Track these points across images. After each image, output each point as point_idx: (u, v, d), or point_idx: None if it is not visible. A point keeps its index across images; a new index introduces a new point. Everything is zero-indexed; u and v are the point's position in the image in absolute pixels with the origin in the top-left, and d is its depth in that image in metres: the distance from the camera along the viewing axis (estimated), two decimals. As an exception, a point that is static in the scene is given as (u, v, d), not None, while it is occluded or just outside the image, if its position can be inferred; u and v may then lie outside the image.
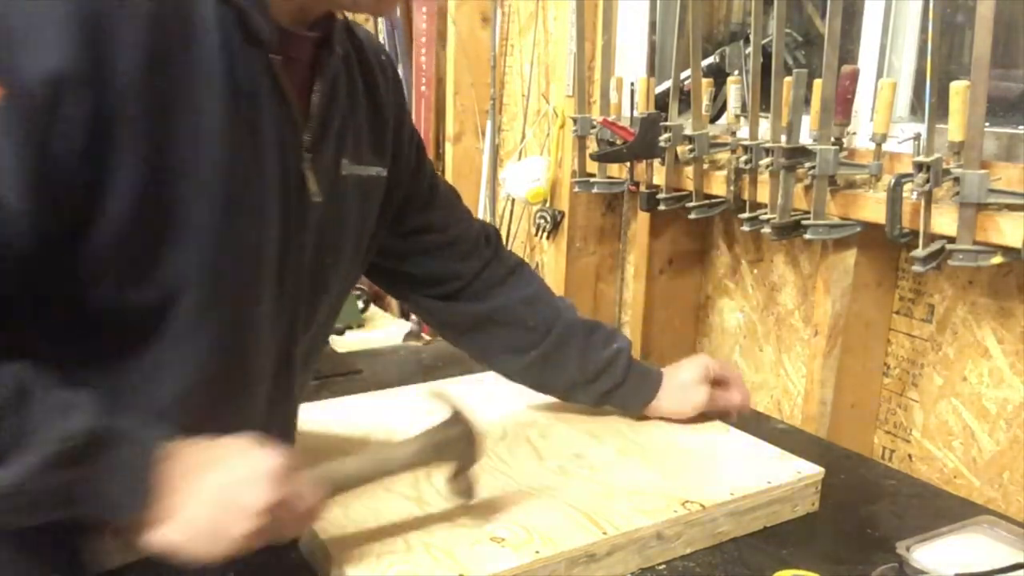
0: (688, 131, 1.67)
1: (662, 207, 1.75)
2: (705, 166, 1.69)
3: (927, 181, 1.24)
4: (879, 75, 1.52)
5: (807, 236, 1.45)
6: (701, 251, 1.93)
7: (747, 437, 1.16)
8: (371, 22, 2.74)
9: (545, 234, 2.11)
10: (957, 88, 1.23)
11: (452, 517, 0.93)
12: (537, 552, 0.86)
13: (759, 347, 1.80)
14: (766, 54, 1.53)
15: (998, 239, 1.21)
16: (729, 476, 1.02)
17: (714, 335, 1.92)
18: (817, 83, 1.42)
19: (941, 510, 1.07)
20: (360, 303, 2.14)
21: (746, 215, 1.57)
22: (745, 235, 1.80)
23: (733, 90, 1.65)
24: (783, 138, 1.47)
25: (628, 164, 1.85)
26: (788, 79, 1.47)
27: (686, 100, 1.72)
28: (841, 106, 1.41)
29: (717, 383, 1.19)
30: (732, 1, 1.98)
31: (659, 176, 1.78)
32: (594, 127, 1.89)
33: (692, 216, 1.69)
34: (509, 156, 2.41)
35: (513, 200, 2.30)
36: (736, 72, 1.74)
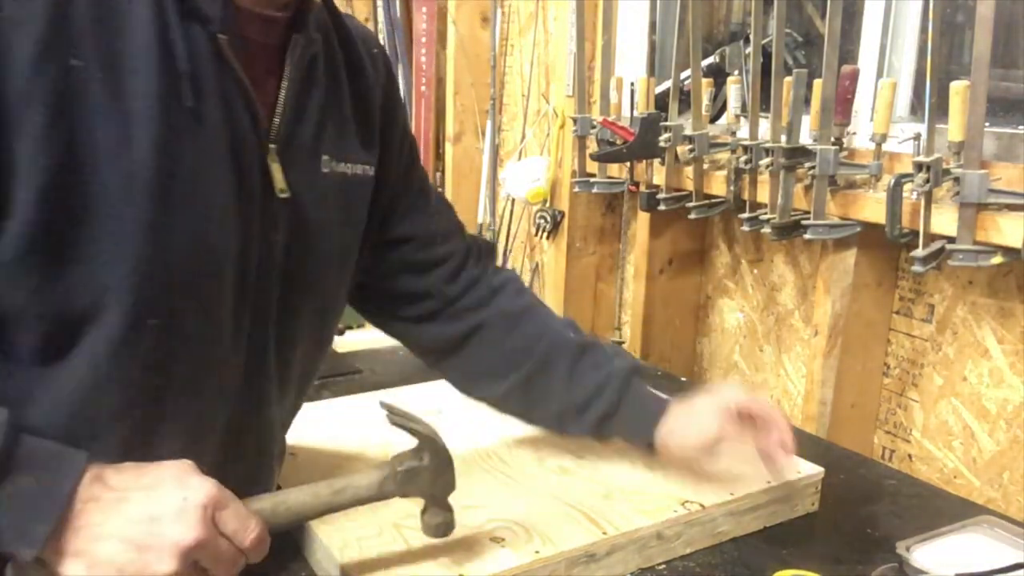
0: (688, 131, 1.67)
1: (662, 207, 1.75)
2: (705, 166, 1.69)
3: (927, 181, 1.24)
4: (879, 75, 1.52)
5: (807, 236, 1.44)
6: (701, 251, 1.93)
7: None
8: (371, 21, 2.74)
9: (545, 234, 2.11)
10: (957, 88, 1.23)
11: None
12: (537, 552, 0.86)
13: (759, 347, 1.80)
14: (766, 54, 1.53)
15: (998, 239, 1.21)
16: (729, 476, 1.02)
17: (714, 335, 1.92)
18: (817, 83, 1.42)
19: (941, 510, 1.07)
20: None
21: (746, 215, 1.57)
22: (745, 235, 1.80)
23: (733, 90, 1.65)
24: (783, 138, 1.47)
25: (628, 164, 1.85)
26: (788, 79, 1.47)
27: (686, 100, 1.72)
28: (841, 106, 1.41)
29: (745, 418, 0.98)
30: (732, 1, 1.98)
31: (659, 176, 1.78)
32: (594, 127, 1.88)
33: (692, 216, 1.69)
34: (509, 156, 2.41)
35: (513, 200, 2.29)
36: (736, 72, 1.74)
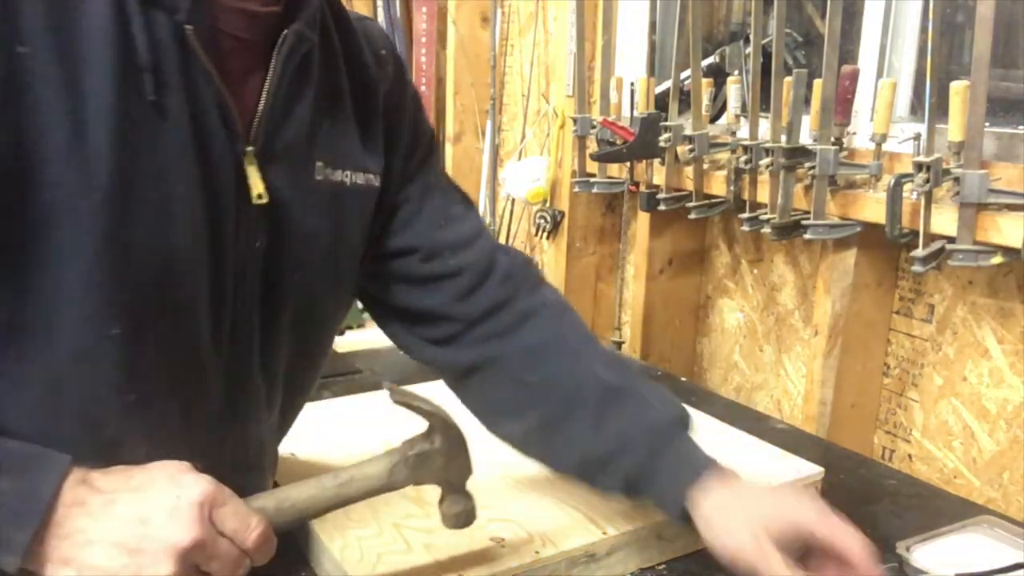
0: (688, 131, 1.67)
1: (662, 207, 1.75)
2: (705, 166, 1.69)
3: (927, 181, 1.24)
4: (879, 75, 1.52)
5: (807, 236, 1.44)
6: (701, 251, 1.93)
7: (747, 437, 1.16)
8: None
9: (545, 234, 2.11)
10: (957, 88, 1.23)
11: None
12: (537, 552, 0.86)
13: (759, 347, 1.80)
14: (766, 54, 1.53)
15: (998, 239, 1.21)
16: None
17: (714, 335, 1.92)
18: (817, 83, 1.42)
19: (941, 510, 1.07)
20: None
21: (746, 215, 1.57)
22: (745, 235, 1.80)
23: (733, 90, 1.65)
24: (783, 138, 1.47)
25: (628, 164, 1.85)
26: (788, 79, 1.47)
27: (686, 100, 1.72)
28: (841, 106, 1.41)
29: (814, 545, 0.77)
30: (732, 1, 1.98)
31: (659, 176, 1.78)
32: (594, 127, 1.88)
33: (692, 216, 1.69)
34: (509, 156, 2.41)
35: (513, 200, 2.29)
36: (736, 72, 1.74)
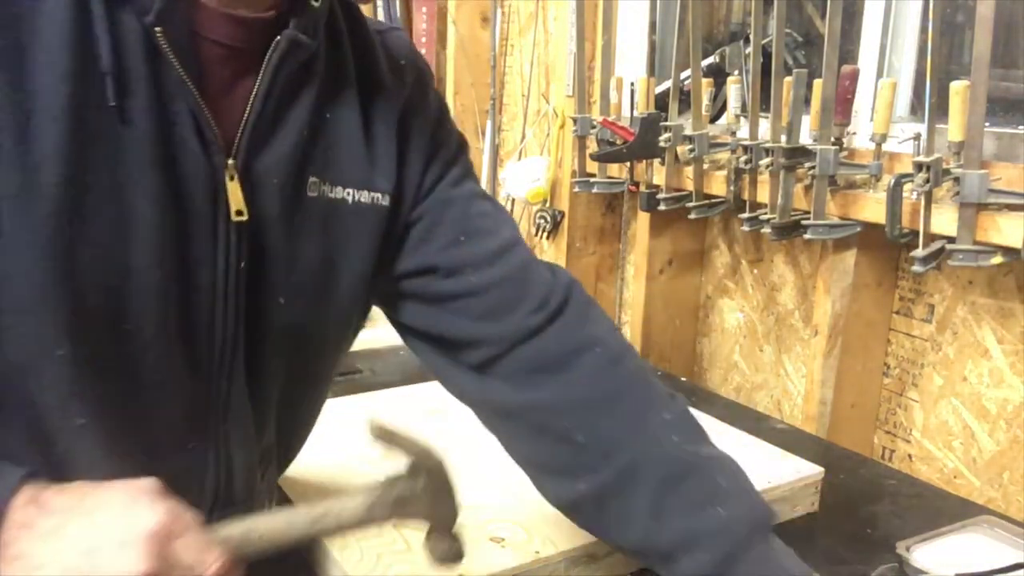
0: (688, 131, 1.67)
1: (662, 207, 1.75)
2: (705, 166, 1.69)
3: (927, 181, 1.24)
4: (879, 75, 1.52)
5: (807, 236, 1.44)
6: (701, 251, 1.93)
7: (747, 437, 1.16)
8: (371, 22, 2.74)
9: (545, 234, 2.11)
10: (957, 88, 1.23)
11: (452, 517, 0.93)
12: (537, 552, 0.86)
13: (759, 347, 1.80)
14: (766, 54, 1.53)
15: (998, 239, 1.21)
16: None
17: (714, 335, 1.92)
18: (817, 83, 1.42)
19: (941, 510, 1.07)
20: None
21: (746, 215, 1.57)
22: (745, 235, 1.80)
23: (733, 90, 1.65)
24: (783, 138, 1.47)
25: (628, 164, 1.85)
26: (788, 79, 1.47)
27: (686, 100, 1.72)
28: (841, 106, 1.41)
29: None
30: (732, 1, 1.98)
31: (659, 176, 1.78)
32: (594, 127, 1.88)
33: (692, 216, 1.69)
34: (509, 156, 2.41)
35: (513, 200, 2.29)
36: (736, 72, 1.74)
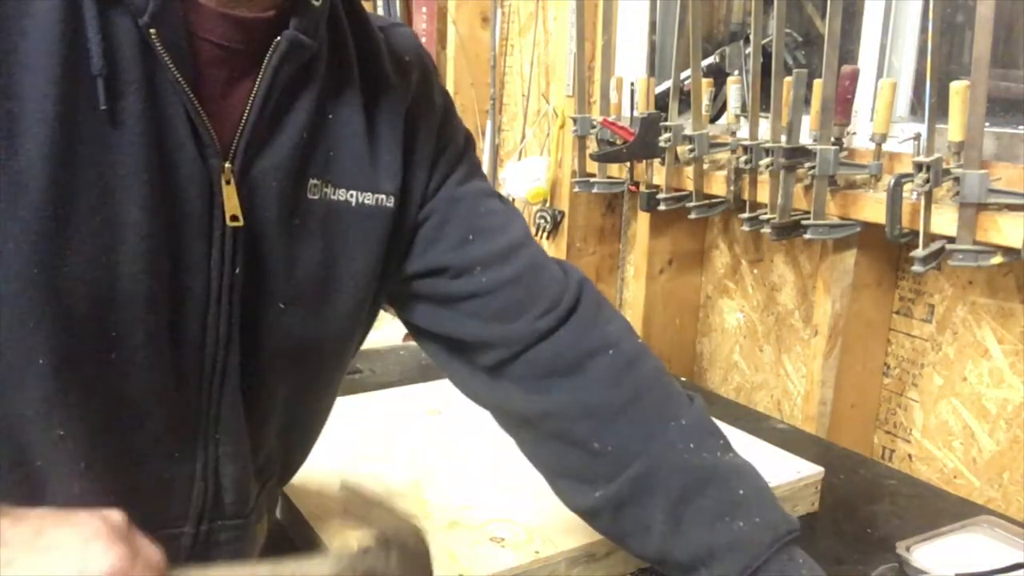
0: (688, 131, 1.67)
1: (662, 207, 1.75)
2: (705, 166, 1.69)
3: (927, 181, 1.24)
4: (879, 75, 1.52)
5: (807, 236, 1.44)
6: (701, 251, 1.93)
7: (747, 437, 1.16)
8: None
9: (545, 234, 2.11)
10: (957, 88, 1.23)
11: (452, 517, 0.93)
12: (537, 552, 0.86)
13: (759, 347, 1.80)
14: (766, 54, 1.53)
15: (998, 239, 1.21)
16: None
17: (714, 335, 1.92)
18: (817, 83, 1.42)
19: (941, 510, 1.07)
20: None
21: (746, 215, 1.57)
22: (745, 235, 1.80)
23: (733, 90, 1.65)
24: (783, 138, 1.47)
25: (628, 164, 1.85)
26: (788, 79, 1.47)
27: (686, 100, 1.72)
28: (841, 106, 1.41)
29: None
30: (732, 1, 1.98)
31: (659, 176, 1.78)
32: (594, 127, 1.88)
33: (692, 216, 1.69)
34: (509, 156, 2.41)
35: (513, 200, 2.29)
36: (736, 72, 1.74)
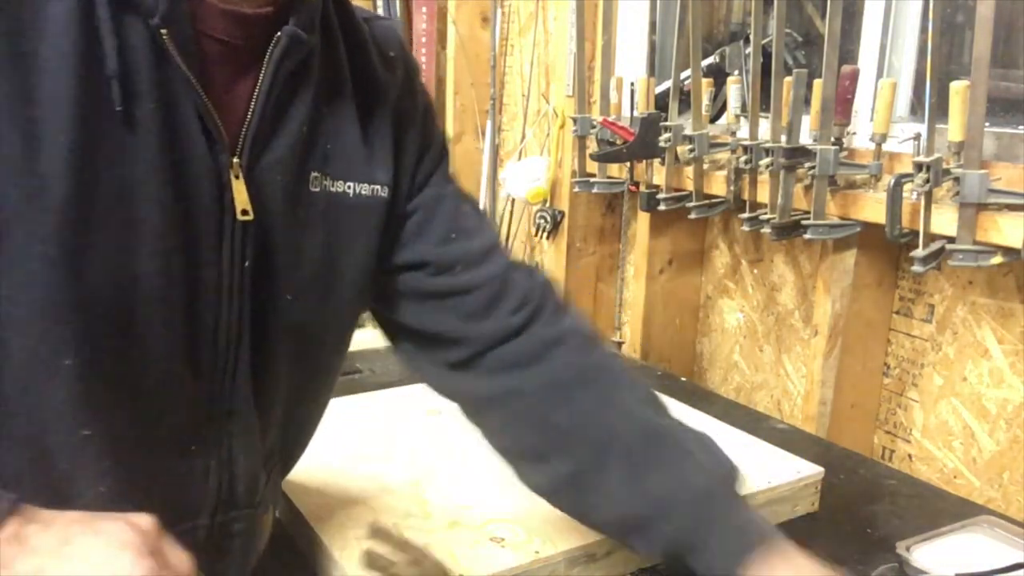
0: (688, 131, 1.67)
1: (662, 207, 1.75)
2: (705, 166, 1.69)
3: (927, 181, 1.24)
4: (879, 75, 1.52)
5: (807, 236, 1.44)
6: (701, 251, 1.93)
7: (747, 437, 1.16)
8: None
9: (545, 234, 2.11)
10: (957, 88, 1.23)
11: (452, 517, 0.93)
12: (537, 552, 0.86)
13: (759, 347, 1.80)
14: (766, 54, 1.53)
15: (998, 239, 1.21)
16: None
17: (714, 335, 1.92)
18: (817, 83, 1.42)
19: (941, 510, 1.07)
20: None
21: (746, 215, 1.57)
22: (745, 235, 1.80)
23: (733, 90, 1.65)
24: (783, 138, 1.47)
25: (628, 164, 1.85)
26: (788, 79, 1.47)
27: (686, 100, 1.72)
28: (841, 106, 1.41)
29: None
30: (732, 1, 1.98)
31: (659, 176, 1.78)
32: (594, 127, 1.88)
33: (692, 216, 1.69)
34: (509, 156, 2.41)
35: (513, 200, 2.29)
36: (736, 72, 1.74)
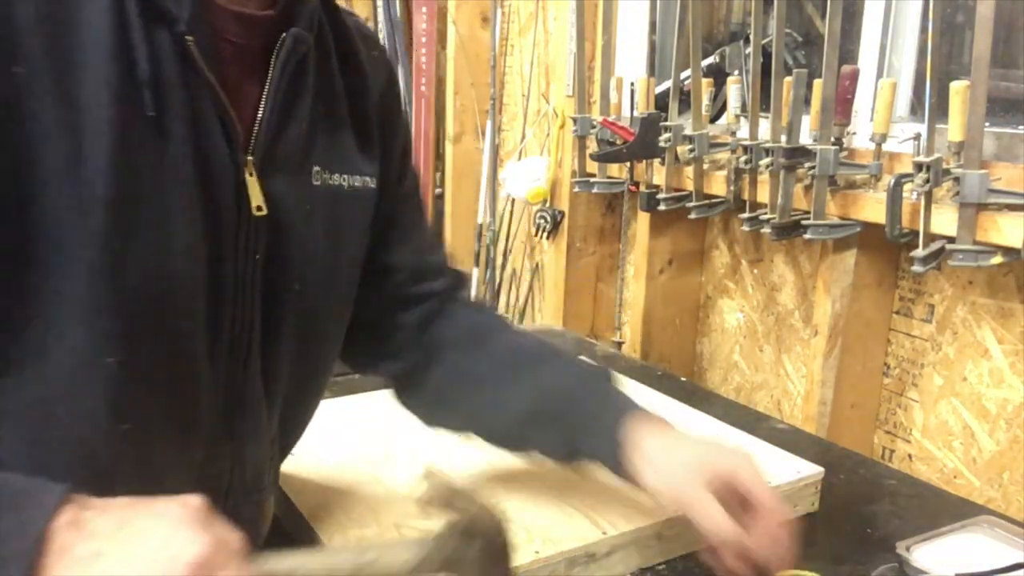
0: (688, 131, 1.67)
1: (662, 207, 1.75)
2: (705, 166, 1.69)
3: (927, 181, 1.24)
4: (879, 75, 1.52)
5: (807, 236, 1.44)
6: (701, 251, 1.93)
7: (747, 437, 1.16)
8: (371, 21, 2.74)
9: (545, 234, 2.11)
10: (957, 88, 1.23)
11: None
12: (537, 552, 0.86)
13: (759, 347, 1.80)
14: (766, 54, 1.53)
15: (998, 239, 1.21)
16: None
17: (714, 335, 1.92)
18: (817, 83, 1.42)
19: (941, 510, 1.07)
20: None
21: (746, 215, 1.57)
22: (745, 235, 1.80)
23: (733, 90, 1.65)
24: (783, 138, 1.47)
25: (628, 164, 1.85)
26: (788, 79, 1.47)
27: (686, 100, 1.72)
28: (841, 106, 1.41)
29: (737, 500, 0.78)
30: (732, 1, 1.98)
31: (659, 176, 1.78)
32: (594, 127, 1.89)
33: (692, 216, 1.69)
34: (509, 156, 2.41)
35: (513, 200, 2.29)
36: (736, 72, 1.74)
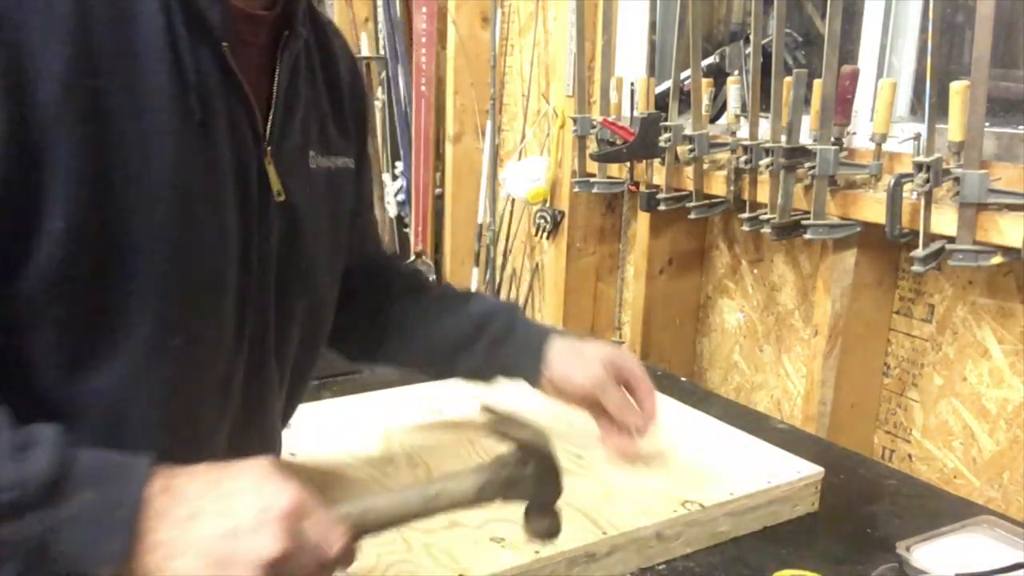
0: (688, 131, 1.67)
1: (662, 207, 1.75)
2: (705, 166, 1.69)
3: (927, 181, 1.24)
4: (879, 75, 1.52)
5: (807, 236, 1.44)
6: (701, 251, 1.93)
7: (747, 437, 1.16)
8: (371, 21, 2.74)
9: (545, 234, 2.11)
10: (957, 88, 1.23)
11: (452, 517, 0.93)
12: (537, 552, 0.86)
13: (759, 347, 1.80)
14: (766, 54, 1.53)
15: (998, 239, 1.21)
16: (729, 476, 1.02)
17: (714, 335, 1.92)
18: (817, 83, 1.42)
19: (941, 510, 1.07)
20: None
21: (746, 215, 1.57)
22: (745, 235, 1.80)
23: (733, 90, 1.65)
24: (783, 138, 1.47)
25: (628, 164, 1.85)
26: (788, 79, 1.47)
27: (686, 100, 1.72)
28: (841, 106, 1.41)
29: (623, 384, 0.97)
30: (732, 1, 1.98)
31: (659, 176, 1.78)
32: (594, 127, 1.89)
33: (692, 216, 1.69)
34: (509, 156, 2.41)
35: (513, 200, 2.29)
36: (736, 72, 1.74)
